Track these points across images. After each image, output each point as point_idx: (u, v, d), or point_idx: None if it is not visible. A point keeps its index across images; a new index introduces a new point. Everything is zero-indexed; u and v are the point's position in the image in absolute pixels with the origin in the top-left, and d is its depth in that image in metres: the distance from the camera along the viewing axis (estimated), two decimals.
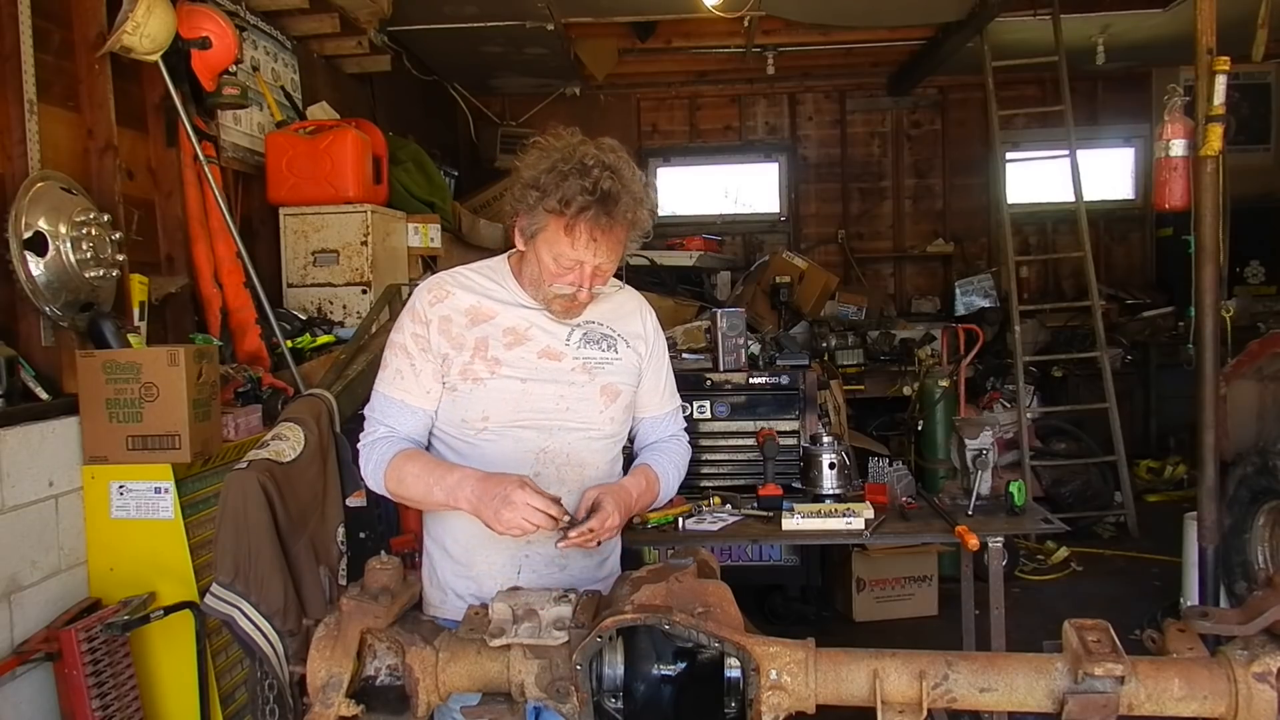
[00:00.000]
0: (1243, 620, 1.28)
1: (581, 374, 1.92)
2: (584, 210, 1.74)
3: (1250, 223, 6.14)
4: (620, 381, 1.97)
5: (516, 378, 1.87)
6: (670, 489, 2.08)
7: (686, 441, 2.17)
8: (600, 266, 1.83)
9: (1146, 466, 6.79)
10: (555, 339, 1.91)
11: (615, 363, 1.96)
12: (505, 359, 1.88)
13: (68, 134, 2.97)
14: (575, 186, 1.73)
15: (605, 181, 1.73)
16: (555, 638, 1.40)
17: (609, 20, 6.28)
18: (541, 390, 1.89)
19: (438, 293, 1.91)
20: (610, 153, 1.79)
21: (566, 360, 1.91)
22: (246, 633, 2.24)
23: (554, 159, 1.78)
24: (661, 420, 2.11)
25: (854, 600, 4.71)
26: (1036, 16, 5.99)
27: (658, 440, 2.11)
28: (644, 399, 2.05)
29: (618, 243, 1.82)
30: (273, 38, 4.39)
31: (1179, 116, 3.88)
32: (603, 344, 1.95)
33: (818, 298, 6.93)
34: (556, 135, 1.83)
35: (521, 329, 1.90)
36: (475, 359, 1.87)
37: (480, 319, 1.89)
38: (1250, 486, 4.11)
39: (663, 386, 2.09)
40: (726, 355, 4.01)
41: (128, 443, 2.73)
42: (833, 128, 8.29)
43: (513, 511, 1.68)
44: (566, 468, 1.91)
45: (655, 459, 2.06)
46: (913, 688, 1.27)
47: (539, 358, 1.89)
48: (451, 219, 5.28)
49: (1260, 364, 4.24)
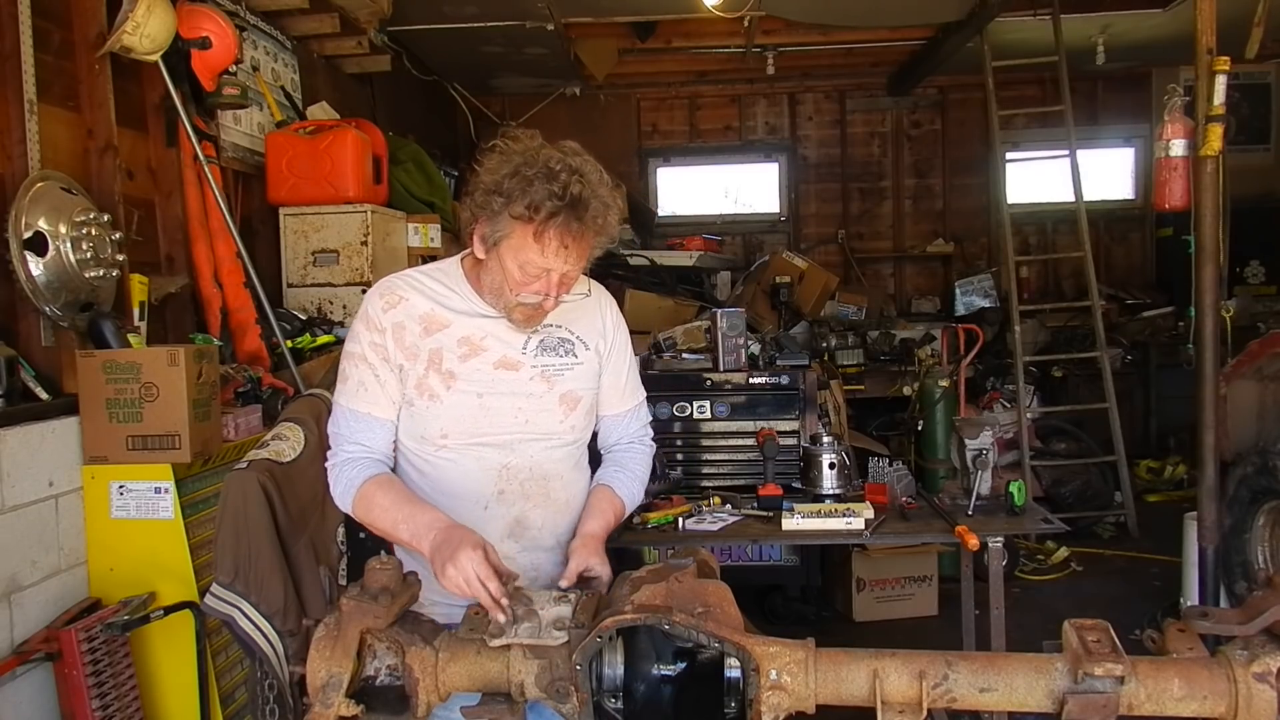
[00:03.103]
0: (1243, 620, 1.28)
1: (540, 383, 1.86)
2: (553, 216, 1.66)
3: (1250, 223, 6.15)
4: (580, 388, 1.91)
5: (473, 392, 1.81)
6: (634, 502, 2.02)
7: (649, 441, 2.09)
8: (567, 274, 1.75)
9: (1146, 466, 6.78)
10: (512, 348, 1.84)
11: (575, 368, 1.90)
12: (460, 372, 1.81)
13: (68, 134, 2.97)
14: (543, 191, 1.64)
15: (574, 186, 1.65)
16: (555, 638, 1.40)
17: (609, 20, 6.28)
18: (499, 404, 1.83)
19: (389, 298, 1.83)
20: (575, 155, 1.71)
21: (524, 370, 1.85)
22: (246, 633, 2.23)
23: (516, 163, 1.69)
24: (622, 419, 2.03)
25: (854, 600, 4.71)
26: (1036, 16, 5.99)
27: (617, 445, 2.04)
28: (603, 396, 1.98)
29: (587, 248, 1.74)
30: (273, 38, 4.39)
31: (1179, 116, 3.88)
32: (560, 349, 1.89)
33: (818, 298, 6.93)
34: (515, 138, 1.74)
35: (477, 339, 1.83)
36: (430, 372, 1.81)
37: (434, 328, 1.82)
38: (1250, 486, 4.12)
39: (623, 383, 2.00)
40: (726, 355, 4.01)
41: (128, 443, 2.73)
42: (833, 128, 8.29)
43: (455, 571, 1.57)
44: (531, 482, 1.87)
45: (615, 476, 1.99)
46: (913, 688, 1.27)
47: (495, 369, 1.83)
48: (451, 219, 5.28)
49: (1260, 364, 4.24)
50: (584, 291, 1.92)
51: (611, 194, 1.73)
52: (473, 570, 1.54)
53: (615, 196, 1.74)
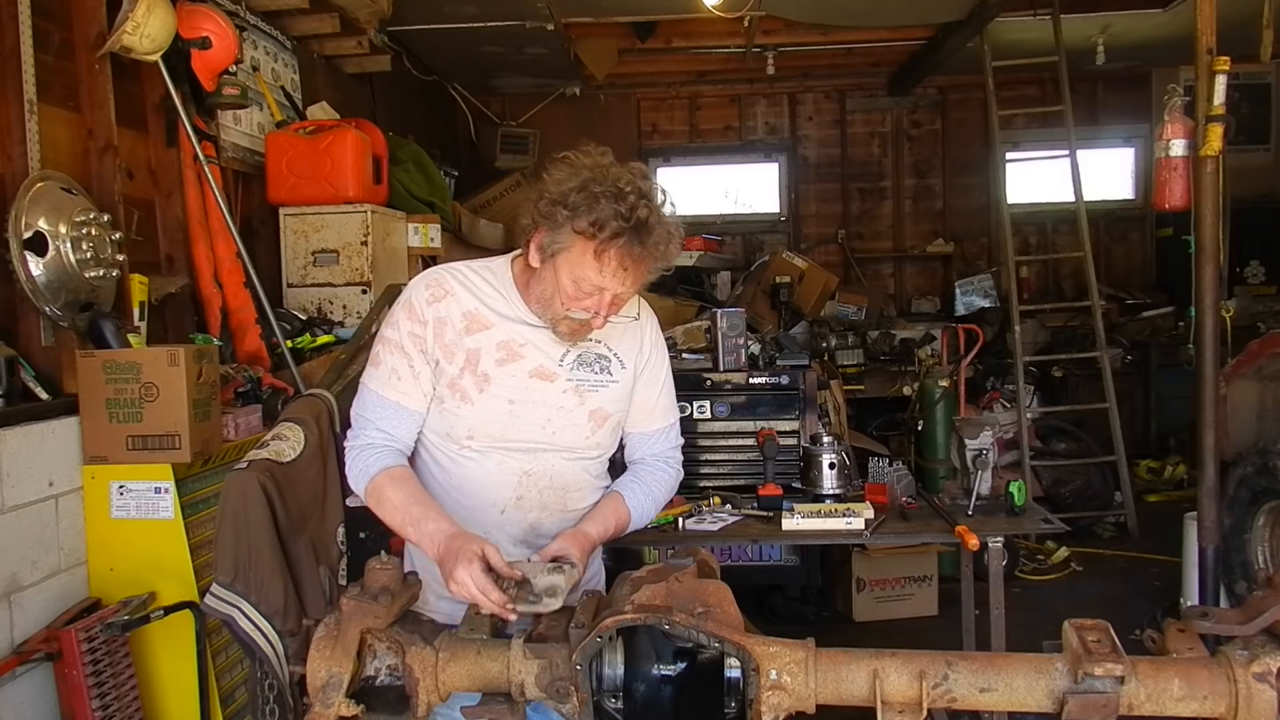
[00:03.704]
0: (1243, 620, 1.28)
1: (573, 396, 1.85)
2: (617, 236, 1.65)
3: (1250, 223, 6.15)
4: (611, 406, 1.90)
5: (505, 398, 1.81)
6: (642, 519, 1.98)
7: (677, 465, 2.05)
8: (620, 295, 1.74)
9: (1146, 466, 6.78)
10: (549, 359, 1.83)
11: (609, 386, 1.88)
12: (495, 376, 1.80)
13: (68, 134, 2.97)
14: (609, 210, 1.64)
15: (641, 209, 1.65)
16: (547, 605, 1.46)
17: (609, 20, 6.27)
18: (529, 413, 1.82)
19: (436, 290, 1.82)
20: (643, 179, 1.70)
21: (559, 382, 1.84)
22: (246, 633, 2.24)
23: (584, 177, 1.68)
24: (650, 437, 2.01)
25: (854, 600, 4.71)
26: (1036, 16, 5.99)
27: (644, 459, 2.01)
28: (634, 413, 1.96)
29: (644, 273, 1.73)
30: (273, 38, 4.39)
31: (1179, 116, 3.88)
32: (597, 366, 1.87)
33: (818, 298, 6.93)
34: (585, 153, 1.74)
35: (516, 345, 1.82)
36: (465, 372, 1.80)
37: (476, 328, 1.81)
38: (1250, 486, 4.12)
39: (654, 402, 1.98)
40: (726, 355, 4.01)
41: (128, 443, 2.73)
42: (833, 128, 8.29)
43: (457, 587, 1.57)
44: (549, 491, 1.86)
45: (630, 488, 1.96)
46: (913, 688, 1.27)
47: (530, 377, 1.82)
48: (451, 219, 5.29)
49: (1260, 364, 4.24)
50: (634, 315, 1.92)
51: (676, 223, 1.73)
52: (472, 584, 1.55)
53: (678, 226, 1.74)
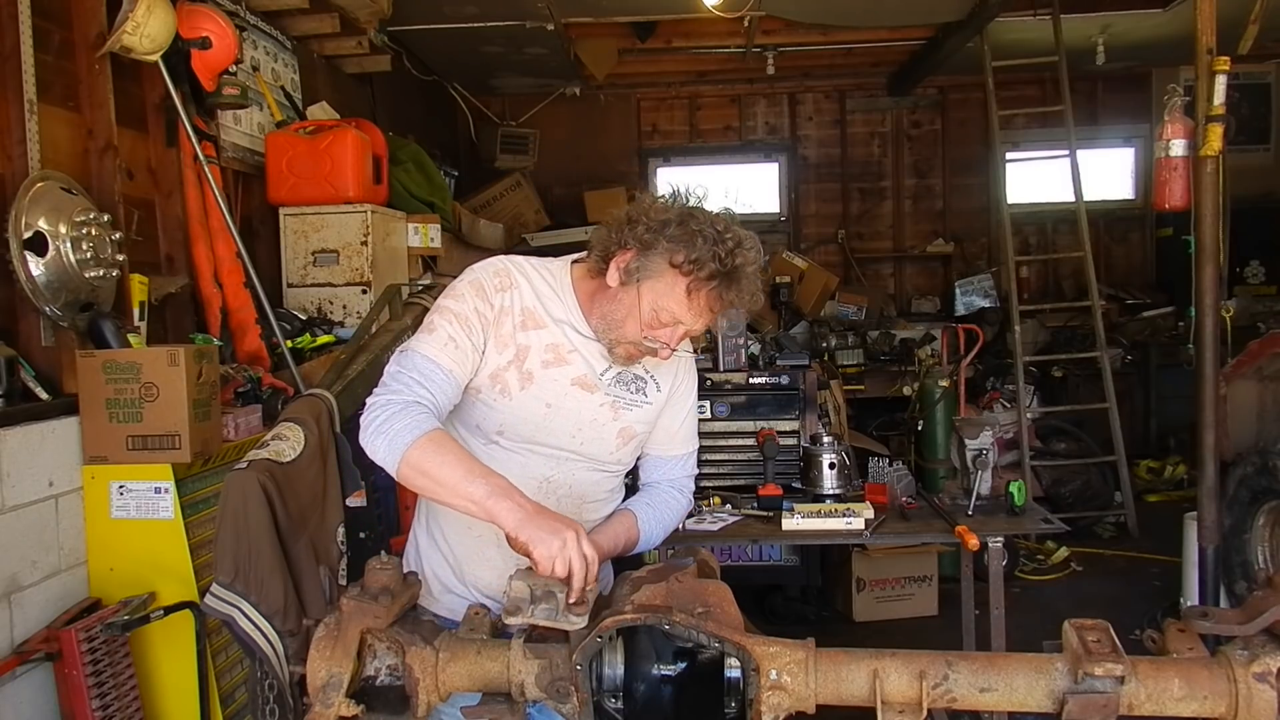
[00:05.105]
0: (1243, 620, 1.27)
1: (607, 411, 1.86)
2: (711, 278, 1.67)
3: (1250, 223, 6.14)
4: (640, 426, 1.91)
5: (543, 400, 1.80)
6: (649, 543, 1.97)
7: (689, 494, 2.05)
8: (693, 331, 1.76)
9: (1146, 466, 6.79)
10: (592, 371, 1.83)
11: (643, 407, 1.89)
12: (539, 376, 1.80)
13: (68, 134, 2.97)
14: (709, 251, 1.66)
15: (738, 256, 1.68)
16: (573, 622, 1.38)
17: (609, 20, 6.27)
18: (562, 420, 1.82)
19: (503, 279, 1.81)
20: (738, 224, 1.73)
21: (598, 394, 1.84)
22: (246, 633, 2.24)
23: (682, 210, 1.71)
24: (668, 462, 2.01)
25: (854, 600, 4.71)
26: (1036, 16, 5.99)
27: (658, 483, 2.01)
28: (657, 435, 1.97)
29: (719, 318, 1.79)
30: (273, 38, 4.39)
31: (1179, 116, 3.88)
32: (633, 386, 1.88)
33: (818, 298, 6.94)
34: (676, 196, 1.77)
35: (564, 350, 1.81)
36: (511, 366, 1.78)
37: (530, 325, 1.80)
38: (1250, 486, 4.12)
39: (678, 428, 1.99)
40: (726, 355, 4.01)
41: (128, 443, 2.73)
42: (833, 128, 8.29)
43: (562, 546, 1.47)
44: (568, 500, 1.86)
45: (643, 508, 1.96)
46: (913, 688, 1.27)
47: (571, 384, 1.82)
48: (451, 219, 5.28)
49: (1260, 364, 4.24)
50: (691, 349, 1.94)
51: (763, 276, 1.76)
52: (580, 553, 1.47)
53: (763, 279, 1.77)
